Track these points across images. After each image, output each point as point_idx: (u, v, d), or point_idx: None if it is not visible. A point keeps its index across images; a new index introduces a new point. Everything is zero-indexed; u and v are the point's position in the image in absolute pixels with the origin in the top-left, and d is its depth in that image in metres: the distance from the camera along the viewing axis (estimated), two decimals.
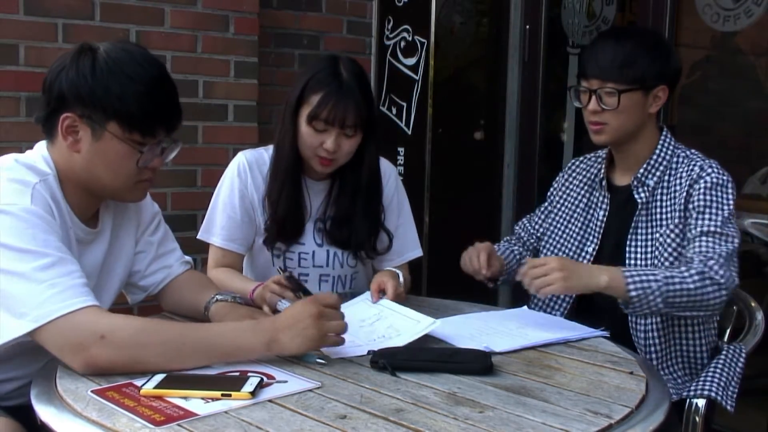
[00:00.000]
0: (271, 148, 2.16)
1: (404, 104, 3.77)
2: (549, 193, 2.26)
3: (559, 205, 2.20)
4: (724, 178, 1.92)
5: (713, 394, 1.80)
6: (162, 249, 1.84)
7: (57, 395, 1.32)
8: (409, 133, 3.76)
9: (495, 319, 1.85)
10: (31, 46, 2.88)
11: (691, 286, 1.78)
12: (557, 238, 2.16)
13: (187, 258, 1.91)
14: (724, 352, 1.94)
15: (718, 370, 1.87)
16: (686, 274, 1.79)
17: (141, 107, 1.53)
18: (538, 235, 2.24)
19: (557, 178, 2.26)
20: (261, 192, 2.12)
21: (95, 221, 1.68)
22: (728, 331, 2.11)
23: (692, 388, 1.85)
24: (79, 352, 1.38)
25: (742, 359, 1.93)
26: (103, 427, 1.19)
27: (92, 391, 1.31)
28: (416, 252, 2.25)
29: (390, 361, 1.46)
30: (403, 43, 3.75)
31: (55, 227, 1.48)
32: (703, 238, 1.86)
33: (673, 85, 2.02)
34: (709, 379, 1.85)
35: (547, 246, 2.17)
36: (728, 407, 1.82)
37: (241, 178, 2.12)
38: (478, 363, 1.47)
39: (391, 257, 2.20)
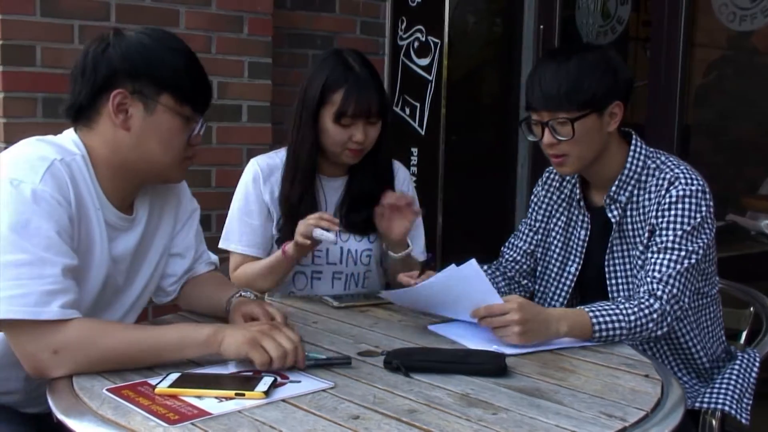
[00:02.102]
0: (282, 151, 2.19)
1: (417, 105, 3.76)
2: (530, 209, 2.14)
3: (541, 221, 2.10)
4: (693, 188, 1.80)
5: (726, 408, 1.79)
6: (197, 254, 1.82)
7: (73, 393, 1.33)
8: (423, 133, 3.76)
9: None
10: (48, 47, 2.89)
11: (654, 329, 1.74)
12: (543, 257, 2.09)
13: (213, 258, 1.88)
14: (738, 361, 1.92)
15: (732, 381, 1.85)
16: (652, 324, 1.73)
17: (192, 80, 1.55)
18: (530, 252, 2.11)
19: (535, 191, 2.14)
20: (275, 196, 2.14)
21: (130, 209, 1.65)
22: (744, 333, 2.10)
23: (706, 398, 1.83)
24: (31, 360, 1.39)
25: (756, 368, 1.91)
26: (118, 425, 1.19)
27: (107, 390, 1.31)
28: (421, 257, 2.26)
29: (403, 362, 1.46)
30: (416, 44, 3.75)
31: (58, 212, 1.43)
32: (659, 255, 1.79)
33: (627, 98, 1.88)
34: (723, 390, 1.83)
35: (538, 264, 2.11)
36: (743, 420, 1.80)
37: (256, 185, 2.15)
38: (492, 364, 1.47)
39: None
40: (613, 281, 1.92)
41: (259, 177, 2.15)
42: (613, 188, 1.90)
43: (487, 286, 1.67)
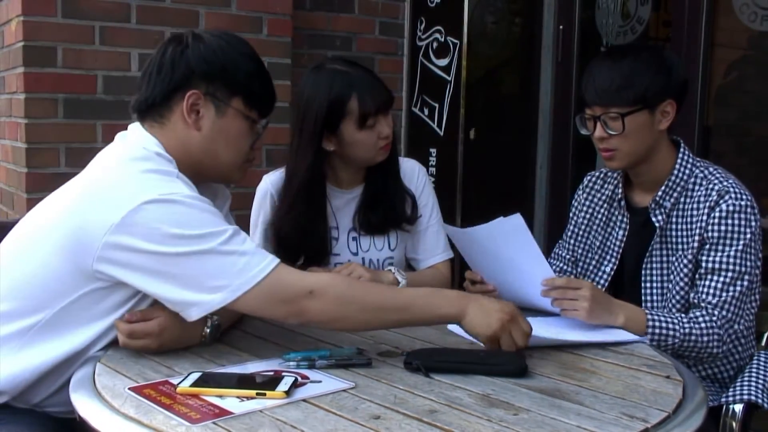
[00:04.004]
0: None
1: (436, 105, 3.76)
2: (571, 214, 2.19)
3: (582, 225, 2.14)
4: (742, 203, 1.82)
5: (753, 398, 1.78)
6: None
7: (95, 391, 1.34)
8: (441, 134, 3.76)
9: (539, 323, 1.82)
10: (69, 48, 2.92)
11: (708, 346, 1.79)
12: (581, 257, 2.12)
13: None
14: (756, 359, 1.91)
15: (753, 375, 1.85)
16: (706, 338, 1.79)
17: (263, 85, 1.64)
18: (573, 260, 2.16)
19: (576, 197, 2.19)
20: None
21: None
22: (766, 336, 2.08)
23: (729, 394, 1.82)
24: (290, 304, 1.46)
25: None
26: (140, 423, 1.20)
27: (129, 389, 1.33)
28: (447, 254, 2.25)
29: (423, 362, 1.46)
30: (435, 44, 3.75)
31: (212, 209, 1.51)
32: (714, 277, 1.81)
33: (681, 98, 1.91)
34: (746, 383, 1.82)
35: (578, 265, 2.14)
36: None
37: (268, 203, 2.16)
38: (512, 365, 1.46)
39: (420, 258, 2.23)
40: (648, 284, 1.94)
41: (270, 195, 2.16)
42: (660, 193, 1.92)
43: (533, 247, 1.75)
